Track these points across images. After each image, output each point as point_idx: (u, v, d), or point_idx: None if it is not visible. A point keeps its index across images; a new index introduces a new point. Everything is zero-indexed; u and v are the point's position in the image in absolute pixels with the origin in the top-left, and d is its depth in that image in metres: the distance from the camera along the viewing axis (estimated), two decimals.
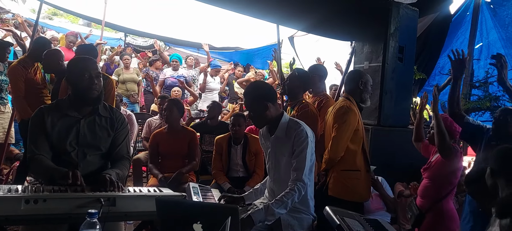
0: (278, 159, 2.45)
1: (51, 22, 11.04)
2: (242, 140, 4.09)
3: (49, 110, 2.17)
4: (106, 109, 2.30)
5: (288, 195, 2.25)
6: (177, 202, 1.78)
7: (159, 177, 3.86)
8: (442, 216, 2.96)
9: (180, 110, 4.18)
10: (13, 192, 1.68)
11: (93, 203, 1.67)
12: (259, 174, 3.99)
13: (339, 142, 2.90)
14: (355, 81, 3.07)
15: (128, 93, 7.31)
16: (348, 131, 2.90)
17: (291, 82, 3.43)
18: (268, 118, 2.40)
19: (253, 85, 2.59)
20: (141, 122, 5.70)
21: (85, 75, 2.13)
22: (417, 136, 3.49)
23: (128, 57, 7.81)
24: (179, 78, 7.28)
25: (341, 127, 2.90)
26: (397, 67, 4.34)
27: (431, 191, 3.06)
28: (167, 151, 4.07)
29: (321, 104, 3.55)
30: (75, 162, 2.15)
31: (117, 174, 2.13)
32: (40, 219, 1.65)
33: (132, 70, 7.66)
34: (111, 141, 2.28)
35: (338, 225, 2.08)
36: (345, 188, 2.93)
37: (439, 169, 3.01)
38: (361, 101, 3.09)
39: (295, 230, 2.33)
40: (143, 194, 1.93)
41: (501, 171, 1.83)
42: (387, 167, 3.83)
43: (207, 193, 2.86)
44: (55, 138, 2.12)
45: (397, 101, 4.39)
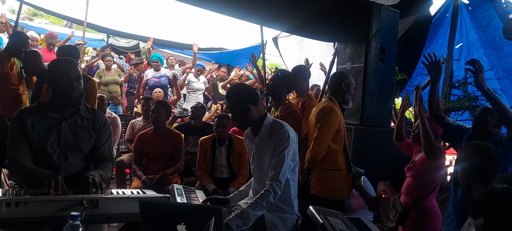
0: (261, 159, 2.47)
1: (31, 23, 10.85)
2: (227, 140, 4.09)
3: (29, 111, 2.14)
4: (88, 111, 2.28)
5: (263, 197, 2.24)
6: (161, 204, 1.77)
7: (143, 178, 3.84)
8: (426, 213, 3.02)
9: (167, 112, 4.19)
10: None
11: (76, 206, 1.66)
12: (244, 174, 4.00)
13: (321, 142, 2.94)
14: (338, 83, 3.13)
15: (111, 95, 7.23)
16: (329, 131, 2.95)
17: (274, 83, 3.46)
18: (251, 120, 2.41)
19: (235, 88, 2.61)
20: (124, 124, 5.65)
21: (64, 77, 2.11)
22: (399, 135, 3.55)
23: (110, 58, 7.71)
24: (162, 77, 7.23)
25: (323, 127, 2.95)
26: (379, 68, 4.40)
27: (415, 189, 3.12)
28: (152, 152, 4.05)
29: (305, 105, 3.58)
30: (56, 164, 2.13)
31: (100, 175, 2.11)
32: (21, 223, 1.62)
33: (114, 72, 7.56)
34: (93, 142, 2.26)
35: (322, 224, 2.11)
36: (327, 186, 2.98)
37: (423, 168, 3.07)
38: (344, 103, 3.15)
39: (279, 229, 2.35)
40: (126, 196, 1.92)
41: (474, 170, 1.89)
42: (369, 166, 3.87)
43: (191, 194, 2.85)
44: (35, 139, 2.10)
45: (379, 102, 4.45)
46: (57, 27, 10.83)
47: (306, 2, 4.07)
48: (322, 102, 3.16)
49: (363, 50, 4.36)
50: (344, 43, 4.72)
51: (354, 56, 4.49)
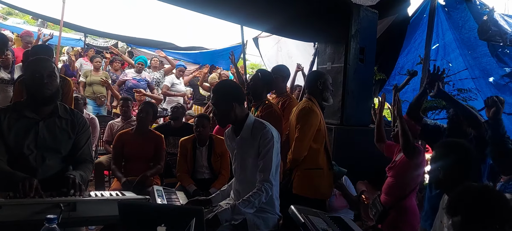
0: (244, 159, 2.46)
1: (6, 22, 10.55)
2: (207, 141, 4.06)
3: (5, 111, 2.08)
4: (66, 111, 2.23)
5: (255, 195, 2.27)
6: (141, 205, 1.75)
7: (123, 180, 3.78)
8: (405, 212, 3.07)
9: (154, 114, 4.16)
10: None
11: (52, 209, 1.61)
12: (225, 175, 3.98)
13: (302, 142, 2.96)
14: (314, 82, 3.17)
15: (95, 95, 7.11)
16: (310, 131, 2.97)
17: (255, 83, 3.46)
18: (232, 118, 2.41)
19: (223, 83, 2.61)
20: (103, 125, 5.55)
21: (35, 75, 2.07)
22: (379, 137, 3.58)
23: (100, 60, 7.62)
24: (140, 81, 7.15)
25: (303, 127, 2.96)
26: (358, 68, 4.45)
27: (396, 189, 3.16)
28: (132, 153, 3.99)
29: (285, 105, 3.60)
30: (33, 165, 2.07)
31: (81, 176, 2.07)
32: None
33: (102, 73, 7.46)
34: (72, 143, 2.21)
35: (303, 223, 2.12)
36: (309, 186, 3.01)
37: (403, 168, 3.12)
38: (324, 100, 3.18)
39: (261, 229, 2.35)
40: (105, 198, 1.89)
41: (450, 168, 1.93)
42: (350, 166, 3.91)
43: (172, 195, 2.83)
44: (12, 140, 2.04)
45: (359, 101, 4.50)
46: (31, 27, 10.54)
47: (287, 2, 4.08)
48: (301, 103, 3.17)
49: (343, 50, 4.41)
50: (324, 43, 4.75)
51: (334, 56, 4.53)
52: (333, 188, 3.33)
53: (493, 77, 5.28)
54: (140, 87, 7.08)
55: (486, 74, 5.31)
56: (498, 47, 5.12)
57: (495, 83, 5.26)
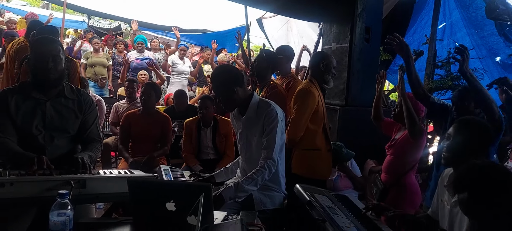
0: (249, 139, 2.48)
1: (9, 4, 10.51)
2: (212, 122, 4.08)
3: (12, 92, 2.10)
4: (73, 92, 2.24)
5: (258, 173, 2.30)
6: (149, 182, 1.77)
7: (130, 160, 3.82)
8: (405, 190, 3.08)
9: (157, 94, 4.14)
10: None
11: (63, 186, 1.64)
12: (230, 155, 4.01)
13: (297, 123, 2.97)
14: (316, 63, 3.16)
15: (96, 77, 7.13)
16: (306, 113, 2.97)
17: (259, 64, 3.46)
18: (237, 101, 2.42)
19: (219, 70, 2.61)
20: (108, 107, 5.58)
21: (45, 58, 2.07)
22: (376, 115, 3.56)
23: (98, 41, 7.62)
24: (145, 60, 7.14)
25: (299, 108, 2.97)
26: (364, 48, 4.42)
27: (395, 166, 3.17)
28: (139, 133, 4.01)
29: (289, 86, 3.60)
30: (42, 145, 2.09)
31: (90, 157, 2.09)
32: (7, 203, 1.60)
33: (102, 55, 7.46)
34: (80, 123, 2.23)
35: (309, 201, 2.15)
36: (307, 166, 3.03)
37: (404, 146, 3.12)
38: (324, 82, 3.17)
39: (267, 207, 2.38)
40: (114, 175, 1.91)
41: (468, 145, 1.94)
42: (355, 146, 3.93)
43: (178, 174, 2.86)
44: (20, 120, 2.06)
45: (364, 82, 4.48)
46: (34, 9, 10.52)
47: None
48: (301, 84, 3.17)
49: (348, 30, 4.37)
50: (329, 23, 4.71)
51: (339, 36, 4.50)
52: (331, 168, 3.35)
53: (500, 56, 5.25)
54: (144, 66, 7.07)
55: (493, 54, 5.27)
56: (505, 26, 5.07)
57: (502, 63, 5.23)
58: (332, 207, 2.09)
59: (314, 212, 2.03)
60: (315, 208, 2.05)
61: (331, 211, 2.01)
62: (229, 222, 1.50)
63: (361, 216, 2.09)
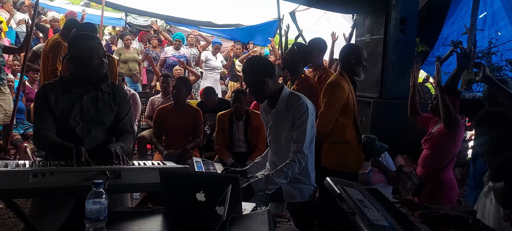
0: (279, 132, 2.49)
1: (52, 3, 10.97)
2: (244, 115, 4.12)
3: (53, 86, 2.21)
4: (108, 85, 2.33)
5: (289, 166, 2.30)
6: (180, 173, 1.82)
7: (164, 153, 3.92)
8: (442, 185, 3.00)
9: (188, 88, 4.22)
10: (21, 167, 1.73)
11: (99, 176, 1.71)
12: (261, 149, 4.02)
13: (326, 116, 2.94)
14: (347, 55, 3.11)
15: (131, 73, 7.34)
16: (335, 106, 2.94)
17: (291, 57, 3.45)
18: (267, 93, 2.43)
19: (250, 61, 2.62)
20: (144, 101, 5.74)
21: (94, 55, 2.16)
22: (413, 109, 3.48)
23: (129, 37, 7.84)
24: (180, 58, 7.29)
25: (328, 101, 2.94)
26: (399, 39, 4.31)
27: (432, 160, 3.09)
28: (171, 127, 4.11)
29: (321, 79, 3.56)
30: (80, 137, 2.19)
31: (122, 147, 2.17)
32: (47, 192, 1.70)
33: (133, 50, 7.68)
34: (114, 116, 2.32)
35: (339, 194, 2.13)
36: (336, 159, 2.99)
37: (441, 140, 3.03)
38: (355, 75, 3.12)
39: (296, 199, 2.39)
40: (147, 166, 1.98)
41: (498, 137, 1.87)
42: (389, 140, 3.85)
43: (210, 166, 2.92)
44: (59, 113, 2.16)
45: (399, 74, 4.38)
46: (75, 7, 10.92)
47: None
48: (331, 77, 3.14)
49: (383, 21, 4.27)
50: (363, 14, 4.63)
51: (373, 28, 4.41)
52: (362, 161, 3.30)
53: None
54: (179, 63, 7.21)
55: None
56: None
57: None
58: (362, 200, 2.07)
59: (344, 205, 2.02)
60: (345, 201, 2.03)
61: (361, 204, 1.99)
62: (256, 213, 1.52)
63: (393, 209, 2.05)
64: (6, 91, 4.99)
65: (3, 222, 3.43)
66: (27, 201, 2.54)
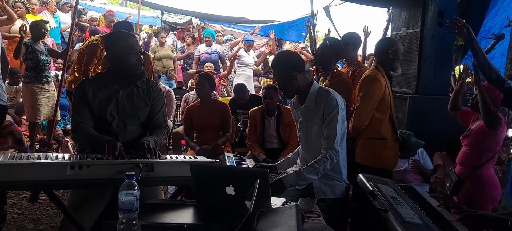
0: (309, 128, 2.47)
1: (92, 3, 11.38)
2: (276, 111, 4.12)
3: (90, 82, 2.29)
4: (143, 81, 2.39)
5: (320, 162, 2.28)
6: (210, 167, 1.84)
7: (196, 149, 3.98)
8: (482, 183, 2.88)
9: (211, 84, 4.26)
10: (60, 159, 1.80)
11: (133, 169, 1.76)
12: (293, 145, 4.01)
13: (362, 112, 2.89)
14: (385, 50, 3.04)
15: (165, 70, 7.50)
16: (371, 101, 2.87)
17: (323, 52, 3.41)
18: (296, 88, 2.41)
19: (279, 56, 2.61)
20: (179, 98, 5.85)
21: (132, 53, 2.22)
22: (454, 105, 3.37)
23: (164, 35, 8.01)
24: (212, 54, 7.37)
25: (365, 96, 2.88)
26: (436, 33, 4.16)
27: (471, 158, 2.97)
28: (200, 124, 4.17)
29: (355, 74, 3.50)
30: (116, 131, 2.26)
31: (155, 141, 2.22)
32: (84, 184, 1.77)
33: (167, 48, 7.84)
34: (148, 111, 2.38)
35: (371, 191, 2.09)
36: (371, 155, 2.93)
37: (480, 137, 2.91)
38: (392, 70, 3.05)
39: (328, 196, 2.36)
40: (179, 160, 2.02)
41: None
42: (426, 137, 3.74)
43: (241, 162, 2.93)
44: (96, 108, 2.24)
45: (436, 69, 4.23)
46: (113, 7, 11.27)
47: None
48: (367, 71, 3.07)
49: (420, 15, 4.14)
50: (398, 7, 4.49)
51: (410, 21, 4.28)
52: (398, 158, 3.21)
53: None
54: (212, 60, 7.29)
55: None
56: None
57: None
58: (396, 198, 2.02)
59: (376, 202, 1.97)
60: (378, 198, 1.99)
61: (394, 202, 1.94)
62: (284, 207, 1.51)
63: (428, 208, 1.98)
64: (51, 88, 5.24)
65: (46, 213, 3.60)
66: (68, 193, 2.65)
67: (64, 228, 2.03)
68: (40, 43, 5.12)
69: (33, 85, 5.06)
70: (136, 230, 1.37)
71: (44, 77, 5.12)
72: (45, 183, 1.69)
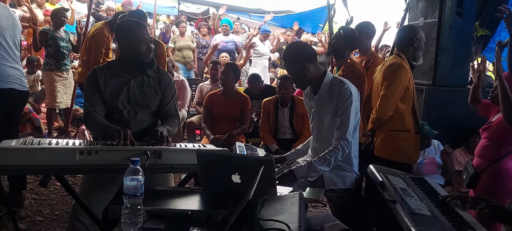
0: (321, 118, 2.44)
1: None
2: (289, 102, 4.10)
3: (102, 70, 2.31)
4: (154, 70, 2.40)
5: (332, 153, 2.26)
6: (216, 155, 1.84)
7: (211, 137, 4.00)
8: (500, 176, 2.80)
9: (236, 74, 4.26)
10: (70, 145, 1.83)
11: (141, 155, 1.78)
12: (306, 136, 3.96)
13: (388, 101, 2.80)
14: (409, 38, 2.94)
15: (185, 60, 7.54)
16: (398, 89, 2.80)
17: (337, 41, 3.36)
18: (309, 78, 2.38)
19: (291, 46, 2.59)
20: (194, 88, 5.88)
21: (142, 42, 2.23)
22: (474, 99, 3.28)
23: (185, 24, 8.04)
24: (229, 43, 7.36)
25: (391, 85, 2.79)
26: (455, 23, 4.06)
27: (489, 150, 2.89)
28: (220, 113, 4.19)
29: (369, 64, 3.45)
30: (127, 119, 2.28)
31: (168, 130, 2.24)
32: (93, 169, 1.80)
33: (187, 38, 7.87)
34: (159, 100, 2.39)
35: (381, 182, 2.06)
36: (393, 148, 2.86)
37: (501, 130, 2.83)
38: (414, 59, 2.96)
39: (337, 186, 2.34)
40: (187, 148, 2.03)
41: None
42: (443, 129, 3.66)
43: (253, 152, 2.93)
44: (107, 96, 2.27)
45: (454, 60, 4.13)
46: None
47: None
48: (389, 59, 2.99)
49: (438, 4, 4.04)
50: None
51: (427, 11, 4.18)
52: (419, 152, 3.15)
53: None
54: (229, 49, 7.28)
55: None
56: None
57: None
58: (405, 189, 1.99)
59: (386, 193, 1.95)
60: (388, 189, 1.96)
61: (404, 193, 1.91)
62: (288, 195, 1.50)
63: (438, 199, 1.95)
64: (69, 77, 5.34)
65: (62, 199, 3.69)
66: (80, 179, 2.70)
67: (75, 213, 2.06)
68: (61, 31, 5.22)
69: (52, 73, 5.19)
70: (140, 215, 1.39)
71: (63, 65, 5.23)
72: (53, 167, 1.72)
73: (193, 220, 1.44)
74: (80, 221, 2.06)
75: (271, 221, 1.24)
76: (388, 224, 1.82)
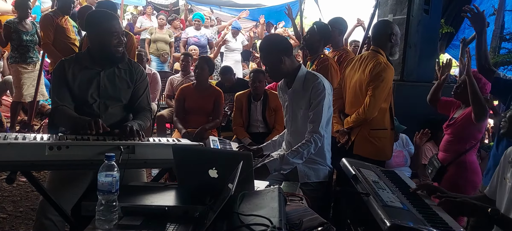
0: (295, 111, 2.46)
1: None
2: (262, 96, 4.10)
3: (70, 62, 2.22)
4: (125, 63, 2.33)
5: (304, 146, 2.28)
6: (193, 150, 1.82)
7: (183, 131, 3.95)
8: (465, 169, 2.92)
9: (210, 68, 4.22)
10: (38, 140, 1.75)
11: (113, 150, 1.72)
12: (279, 130, 4.00)
13: (377, 102, 2.79)
14: (386, 33, 2.93)
15: (159, 53, 7.39)
16: (386, 90, 2.82)
17: (311, 36, 3.38)
18: (284, 71, 2.39)
19: (267, 39, 2.58)
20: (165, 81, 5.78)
21: (113, 35, 2.15)
22: (433, 98, 3.37)
23: (163, 17, 7.86)
24: (202, 37, 7.29)
25: (379, 86, 2.77)
26: (422, 20, 4.19)
27: (454, 145, 3.01)
28: (192, 106, 4.14)
29: (341, 59, 3.49)
30: (97, 113, 2.20)
31: (139, 125, 2.17)
32: (63, 165, 1.72)
33: (165, 31, 7.71)
34: (131, 93, 2.32)
35: (354, 175, 2.10)
36: (373, 147, 2.88)
37: (466, 126, 2.94)
38: (391, 55, 2.98)
39: (311, 179, 2.37)
40: (161, 143, 1.99)
41: None
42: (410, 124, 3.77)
43: (226, 146, 2.92)
44: (76, 89, 2.18)
45: (421, 56, 4.27)
46: None
47: None
48: (371, 58, 2.89)
49: (406, 1, 4.15)
50: None
51: (396, 7, 4.28)
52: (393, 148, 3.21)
53: None
54: (201, 44, 7.21)
55: None
56: None
57: None
58: (377, 182, 2.03)
59: (359, 186, 1.99)
60: (360, 182, 2.00)
61: (376, 186, 1.95)
62: (267, 190, 1.50)
63: (409, 192, 2.00)
64: (36, 69, 5.13)
65: (26, 195, 3.55)
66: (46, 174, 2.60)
67: (43, 210, 1.98)
68: (26, 22, 5.01)
69: (18, 65, 5.04)
70: (115, 211, 1.36)
71: (28, 58, 5.06)
72: (22, 164, 1.63)
73: (170, 216, 1.42)
74: (49, 218, 1.97)
75: (252, 216, 1.24)
76: (362, 216, 1.85)
